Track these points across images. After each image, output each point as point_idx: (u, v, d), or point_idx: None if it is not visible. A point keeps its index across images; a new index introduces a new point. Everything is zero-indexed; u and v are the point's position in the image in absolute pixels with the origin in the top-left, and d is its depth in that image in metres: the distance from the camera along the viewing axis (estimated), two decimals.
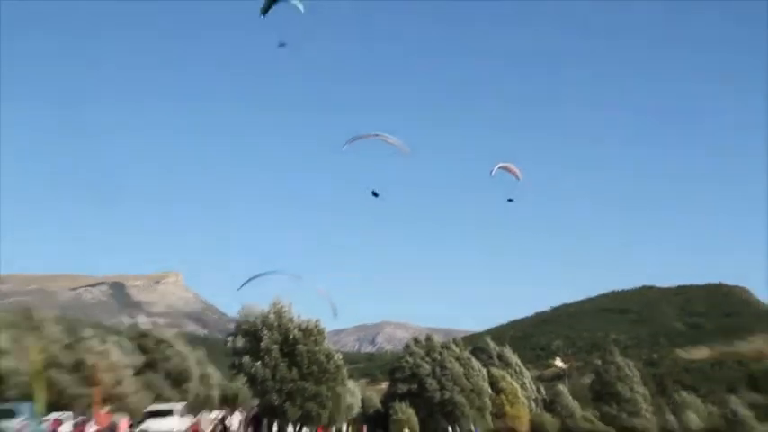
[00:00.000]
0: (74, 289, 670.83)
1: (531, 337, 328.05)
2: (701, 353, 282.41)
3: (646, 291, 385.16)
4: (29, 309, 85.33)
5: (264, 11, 32.56)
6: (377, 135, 37.42)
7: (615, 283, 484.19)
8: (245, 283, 68.34)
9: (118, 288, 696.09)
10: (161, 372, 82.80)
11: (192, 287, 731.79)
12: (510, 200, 42.81)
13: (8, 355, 61.69)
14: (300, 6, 31.95)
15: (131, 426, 53.78)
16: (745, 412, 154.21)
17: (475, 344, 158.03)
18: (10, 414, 37.74)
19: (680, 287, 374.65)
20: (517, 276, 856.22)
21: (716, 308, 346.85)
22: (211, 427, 47.85)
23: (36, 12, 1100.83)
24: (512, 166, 41.36)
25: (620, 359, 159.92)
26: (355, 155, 37.70)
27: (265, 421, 68.74)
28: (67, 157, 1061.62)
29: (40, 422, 42.26)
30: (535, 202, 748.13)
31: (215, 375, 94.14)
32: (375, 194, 37.54)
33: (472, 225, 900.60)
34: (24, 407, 40.16)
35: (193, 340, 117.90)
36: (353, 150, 37.98)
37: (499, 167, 41.33)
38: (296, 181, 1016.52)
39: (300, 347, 72.48)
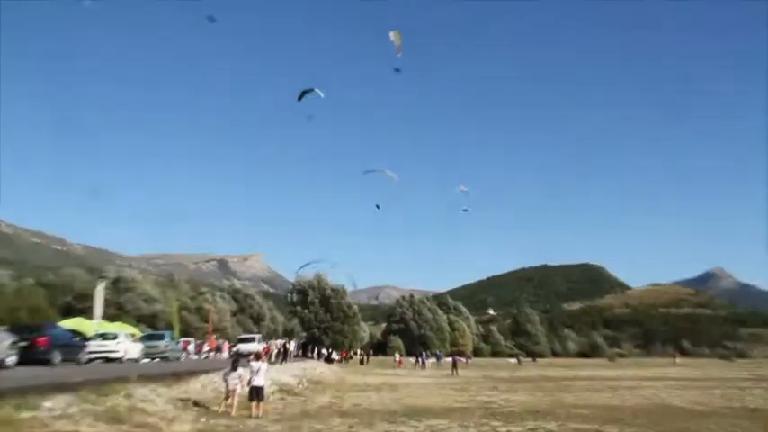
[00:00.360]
0: (196, 263, 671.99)
1: (474, 295, 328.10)
2: (575, 306, 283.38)
3: (543, 267, 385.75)
4: (171, 274, 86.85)
5: (299, 98, 31.59)
6: (384, 171, 37.10)
7: (524, 262, 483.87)
8: (302, 267, 69.67)
9: (222, 263, 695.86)
10: (247, 314, 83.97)
11: (267, 262, 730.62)
12: (465, 210, 42.88)
13: (158, 302, 62.92)
14: (321, 94, 31.23)
15: (230, 347, 54.57)
16: (601, 342, 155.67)
17: (440, 300, 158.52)
18: (160, 337, 38.72)
19: (563, 265, 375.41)
20: (466, 257, 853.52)
21: (584, 277, 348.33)
22: (277, 349, 48.32)
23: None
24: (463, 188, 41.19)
25: (528, 310, 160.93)
26: (370, 178, 37.69)
27: (310, 346, 69.29)
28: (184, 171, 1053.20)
29: (177, 343, 43.14)
30: (479, 206, 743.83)
31: (279, 318, 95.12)
32: (377, 207, 37.65)
33: (443, 224, 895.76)
34: (167, 333, 41.21)
35: (266, 296, 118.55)
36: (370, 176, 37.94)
37: (462, 189, 41.16)
38: (332, 193, 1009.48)
39: (332, 301, 73.19)
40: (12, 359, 18.85)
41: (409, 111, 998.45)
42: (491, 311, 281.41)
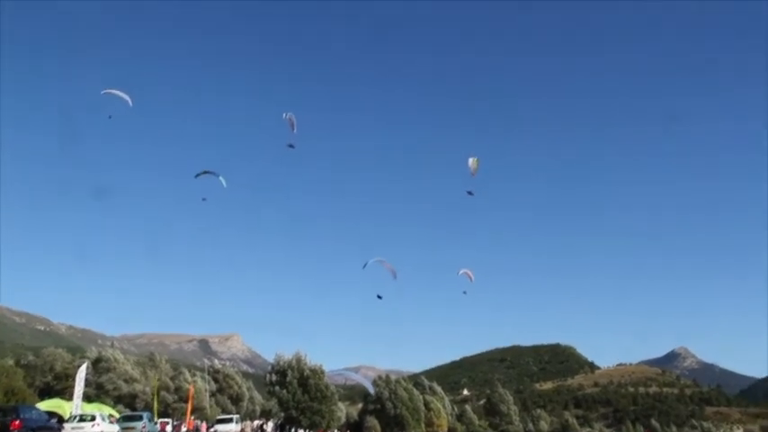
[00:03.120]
0: (178, 343, 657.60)
1: (449, 375, 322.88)
2: (547, 385, 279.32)
3: (515, 348, 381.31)
4: (152, 354, 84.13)
5: (197, 175, 29.01)
6: (383, 261, 35.67)
7: (497, 343, 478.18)
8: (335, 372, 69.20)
9: (203, 343, 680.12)
10: (226, 395, 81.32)
11: (246, 342, 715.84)
12: (464, 292, 41.78)
13: (138, 382, 60.86)
14: (224, 182, 29.52)
15: (207, 428, 52.65)
16: (572, 421, 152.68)
17: (415, 380, 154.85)
18: (138, 418, 37.22)
19: (534, 345, 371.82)
20: (440, 339, 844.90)
21: (555, 357, 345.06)
22: (252, 430, 46.55)
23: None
24: (469, 272, 40.01)
25: (501, 390, 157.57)
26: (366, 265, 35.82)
27: (287, 427, 67.10)
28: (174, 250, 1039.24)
29: (155, 424, 41.54)
30: (454, 296, 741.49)
31: (258, 398, 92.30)
32: (379, 297, 36.18)
33: (418, 306, 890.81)
34: (146, 414, 39.62)
35: (245, 376, 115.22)
36: (365, 263, 36.33)
37: (463, 272, 39.94)
38: (310, 274, 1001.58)
39: (310, 381, 71.26)
40: None
41: (382, 191, 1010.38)
42: (465, 391, 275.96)
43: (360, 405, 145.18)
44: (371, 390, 68.63)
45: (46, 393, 54.53)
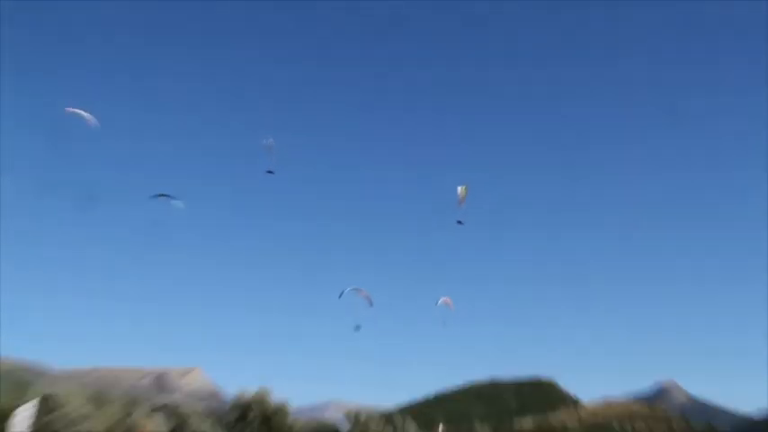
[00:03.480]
0: (134, 378, 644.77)
1: (423, 412, 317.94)
2: (527, 423, 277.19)
3: (493, 383, 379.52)
4: (104, 390, 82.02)
5: (154, 197, 28.96)
6: (359, 289, 35.30)
7: (474, 376, 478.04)
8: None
9: (161, 377, 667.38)
10: None
11: (207, 377, 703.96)
12: (444, 322, 41.22)
13: (90, 419, 59.26)
14: (181, 205, 29.28)
15: None
16: None
17: (388, 417, 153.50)
18: None
19: (514, 380, 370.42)
20: (413, 374, 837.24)
21: (536, 393, 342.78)
22: None
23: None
24: (449, 301, 39.70)
25: (478, 427, 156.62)
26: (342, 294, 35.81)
27: None
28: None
29: None
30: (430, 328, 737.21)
31: None
32: (358, 328, 35.55)
33: (394, 340, 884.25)
34: None
35: (207, 413, 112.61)
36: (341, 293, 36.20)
37: (442, 301, 39.66)
38: (273, 305, 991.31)
39: (275, 418, 69.63)
40: None
41: (355, 218, 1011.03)
42: (441, 429, 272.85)
43: None
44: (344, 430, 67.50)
45: None
